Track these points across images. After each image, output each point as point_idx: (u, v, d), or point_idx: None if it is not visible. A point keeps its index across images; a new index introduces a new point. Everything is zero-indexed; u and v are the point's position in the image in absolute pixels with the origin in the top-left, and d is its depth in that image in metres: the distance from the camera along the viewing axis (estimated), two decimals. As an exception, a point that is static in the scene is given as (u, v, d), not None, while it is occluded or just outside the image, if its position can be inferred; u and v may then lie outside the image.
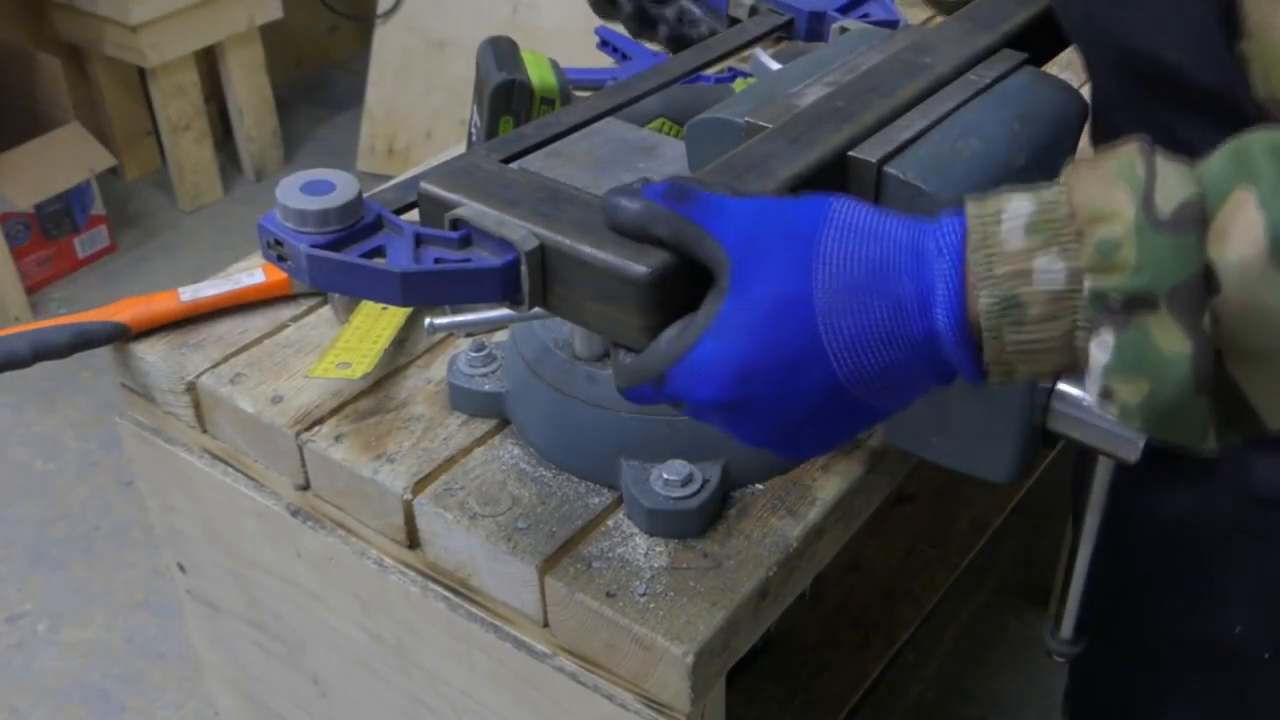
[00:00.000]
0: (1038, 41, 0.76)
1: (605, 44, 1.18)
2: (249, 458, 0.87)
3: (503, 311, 0.69)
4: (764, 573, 0.71)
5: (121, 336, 0.90)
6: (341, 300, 0.90)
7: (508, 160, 0.71)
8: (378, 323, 0.88)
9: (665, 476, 0.72)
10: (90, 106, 2.77)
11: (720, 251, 0.52)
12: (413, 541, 0.78)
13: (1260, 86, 0.57)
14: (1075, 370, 0.48)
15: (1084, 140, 0.74)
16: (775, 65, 0.91)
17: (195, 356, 0.89)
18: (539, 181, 0.63)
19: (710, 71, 1.06)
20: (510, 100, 0.92)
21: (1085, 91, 0.74)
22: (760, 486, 0.76)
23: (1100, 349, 0.45)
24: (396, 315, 0.89)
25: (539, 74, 0.93)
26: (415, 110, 2.80)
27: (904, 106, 0.67)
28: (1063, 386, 0.63)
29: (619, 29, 1.14)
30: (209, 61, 2.80)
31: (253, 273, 0.93)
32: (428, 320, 0.78)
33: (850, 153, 0.63)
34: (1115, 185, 0.46)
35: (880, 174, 0.63)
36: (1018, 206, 0.48)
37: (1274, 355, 0.45)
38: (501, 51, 0.95)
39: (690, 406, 0.55)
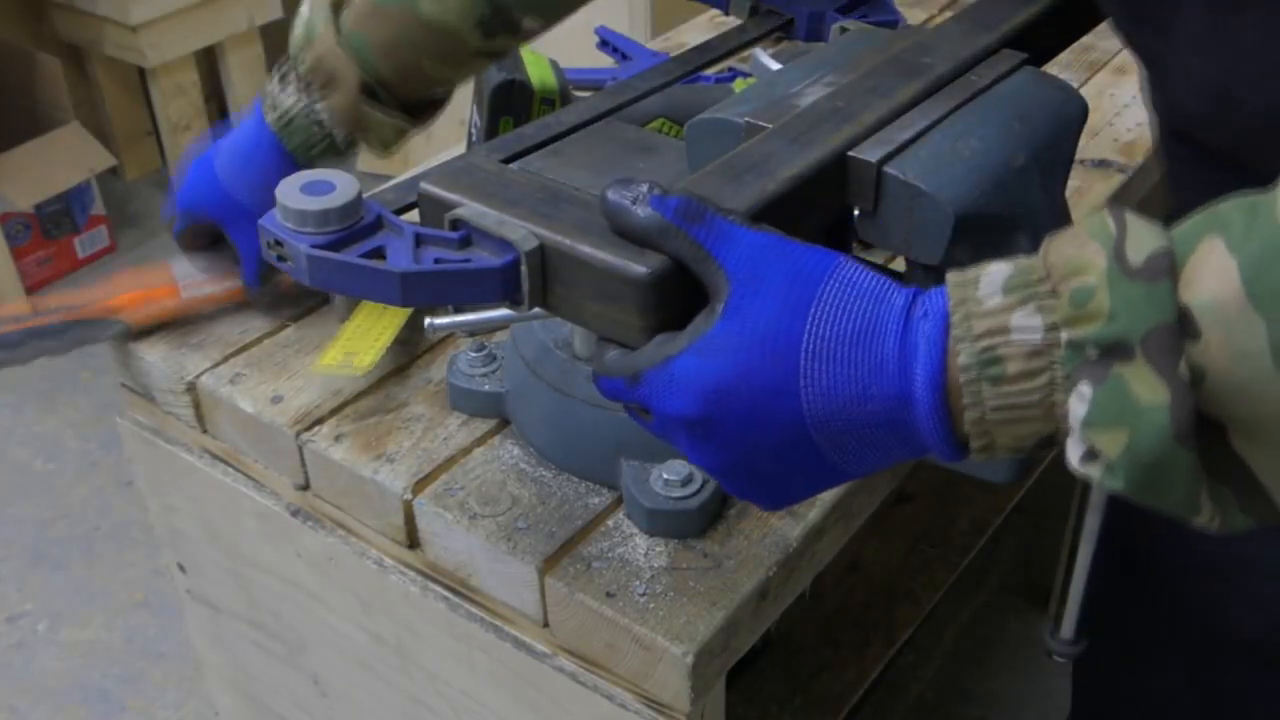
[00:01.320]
0: (1038, 41, 0.76)
1: (605, 44, 1.19)
2: (249, 458, 0.87)
3: (503, 311, 0.69)
4: (764, 573, 0.71)
5: (124, 335, 0.90)
6: (342, 304, 0.90)
7: (508, 160, 0.71)
8: (379, 321, 0.88)
9: (665, 476, 0.72)
10: (90, 106, 2.77)
11: (722, 277, 0.53)
12: (413, 541, 0.78)
13: None
14: (1056, 443, 0.48)
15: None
16: (775, 65, 0.91)
17: (195, 356, 0.89)
18: (539, 181, 0.63)
19: (710, 71, 1.06)
20: (510, 100, 0.93)
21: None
22: (760, 486, 0.76)
23: (1079, 401, 0.45)
24: (398, 315, 0.88)
25: (539, 74, 0.94)
26: (415, 110, 2.80)
27: (904, 106, 0.67)
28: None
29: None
30: (209, 61, 2.80)
31: None
32: (428, 320, 0.78)
33: (850, 153, 0.63)
34: (1088, 242, 0.46)
35: (880, 174, 0.63)
36: (996, 269, 0.48)
37: (1270, 421, 0.43)
38: (501, 51, 0.95)
39: (656, 417, 0.55)
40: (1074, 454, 0.46)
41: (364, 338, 0.85)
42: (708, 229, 0.53)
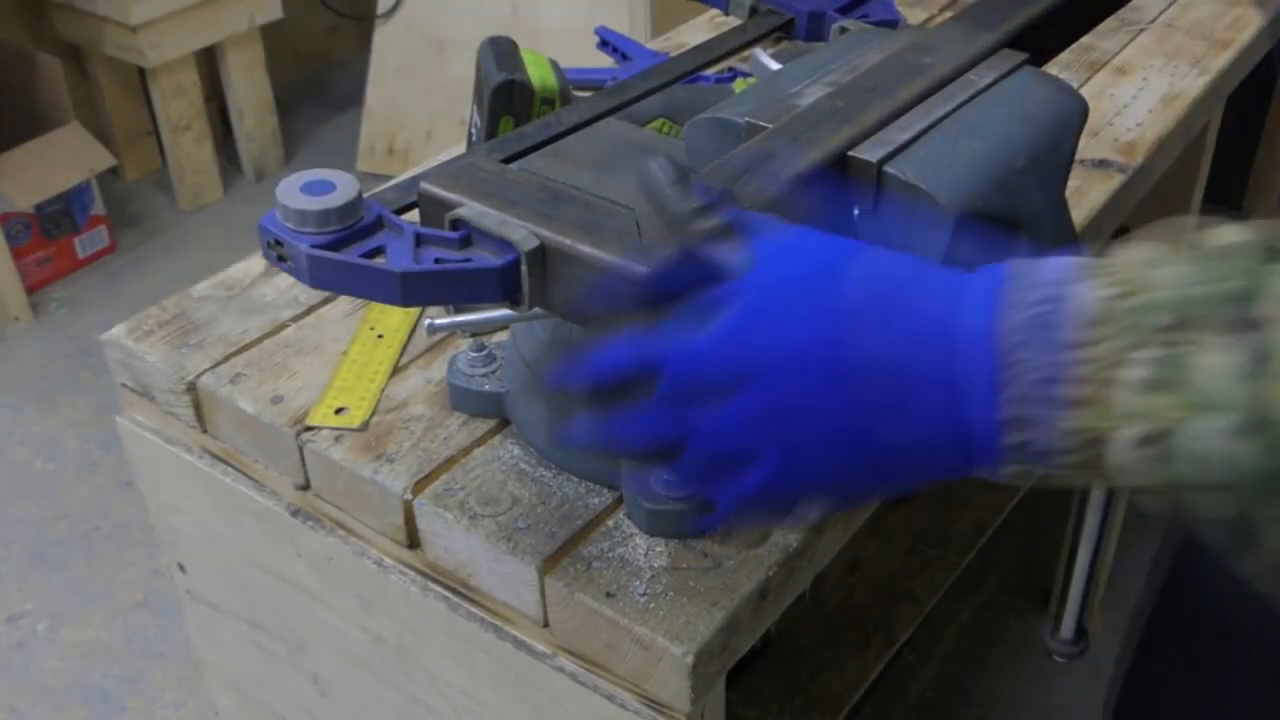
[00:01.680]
0: (1038, 41, 0.76)
1: (605, 44, 1.18)
2: (249, 458, 0.87)
3: (503, 311, 0.69)
4: (764, 573, 0.71)
5: None
6: None
7: (508, 160, 0.71)
8: (374, 355, 0.87)
9: (665, 476, 0.72)
10: (90, 106, 2.77)
11: (753, 255, 0.52)
12: (413, 541, 0.78)
13: None
14: (1096, 449, 0.44)
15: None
16: (775, 65, 0.91)
17: (195, 356, 0.89)
18: (539, 181, 0.64)
19: (710, 71, 1.06)
20: (510, 100, 0.92)
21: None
22: (760, 486, 0.76)
23: (1137, 368, 0.42)
24: (393, 347, 0.88)
25: (539, 74, 0.93)
26: (415, 110, 2.80)
27: (904, 106, 0.67)
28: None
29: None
30: (209, 61, 2.80)
31: None
32: (428, 320, 0.78)
33: (850, 153, 0.63)
34: (1155, 244, 0.45)
35: (880, 174, 0.63)
36: (1059, 257, 0.47)
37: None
38: (501, 51, 0.95)
39: (671, 371, 0.53)
40: (1127, 438, 0.43)
41: (358, 380, 0.84)
42: (740, 215, 0.53)
